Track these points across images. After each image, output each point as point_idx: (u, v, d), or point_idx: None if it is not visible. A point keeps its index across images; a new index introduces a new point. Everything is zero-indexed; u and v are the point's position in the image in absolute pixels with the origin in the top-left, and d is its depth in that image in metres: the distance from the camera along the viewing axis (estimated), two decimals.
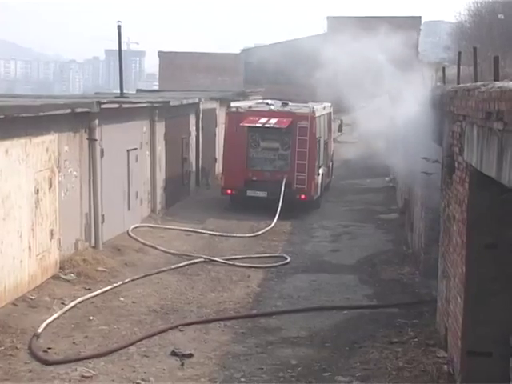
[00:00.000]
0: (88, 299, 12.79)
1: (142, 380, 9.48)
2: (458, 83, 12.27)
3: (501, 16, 41.01)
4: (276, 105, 23.00)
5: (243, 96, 31.79)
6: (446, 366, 9.40)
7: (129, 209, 18.42)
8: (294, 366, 10.09)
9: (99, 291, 13.23)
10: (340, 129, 29.98)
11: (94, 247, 15.74)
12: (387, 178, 28.81)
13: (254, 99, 28.78)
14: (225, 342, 11.08)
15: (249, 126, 21.80)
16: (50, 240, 13.70)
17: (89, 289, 13.39)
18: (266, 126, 21.51)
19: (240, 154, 21.96)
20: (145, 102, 19.89)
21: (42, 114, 13.00)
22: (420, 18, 50.85)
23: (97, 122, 15.56)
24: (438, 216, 11.59)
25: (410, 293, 13.65)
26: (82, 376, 9.47)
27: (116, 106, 17.18)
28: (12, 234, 12.17)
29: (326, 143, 25.08)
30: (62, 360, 9.99)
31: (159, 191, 20.88)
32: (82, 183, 15.29)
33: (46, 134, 13.54)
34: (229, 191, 22.14)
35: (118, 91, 24.88)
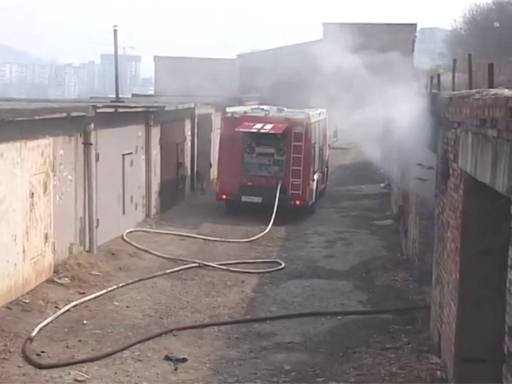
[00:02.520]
0: (82, 303, 12.77)
1: None
2: (453, 90, 12.32)
3: (496, 24, 41.18)
4: (271, 110, 23.02)
5: (239, 101, 31.78)
6: (439, 372, 9.41)
7: (123, 213, 18.41)
8: (288, 371, 10.09)
9: (93, 295, 13.21)
10: (335, 135, 29.96)
11: (88, 251, 15.72)
12: (382, 185, 28.85)
13: (250, 104, 28.80)
14: (218, 346, 11.07)
15: (244, 132, 21.81)
16: (45, 244, 13.68)
17: (83, 293, 13.37)
18: (262, 131, 21.51)
19: (235, 160, 21.96)
20: (140, 107, 19.91)
21: (37, 117, 13.00)
22: (415, 25, 50.88)
23: (92, 126, 15.56)
24: (433, 222, 11.62)
25: (403, 299, 13.67)
26: (76, 380, 9.46)
27: (111, 110, 17.18)
28: (6, 237, 12.16)
29: (321, 149, 25.10)
30: (55, 364, 9.98)
31: (154, 196, 20.88)
32: (76, 187, 15.28)
33: (42, 137, 13.54)
34: (224, 196, 22.16)
35: (114, 95, 24.94)
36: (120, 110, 17.91)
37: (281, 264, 16.45)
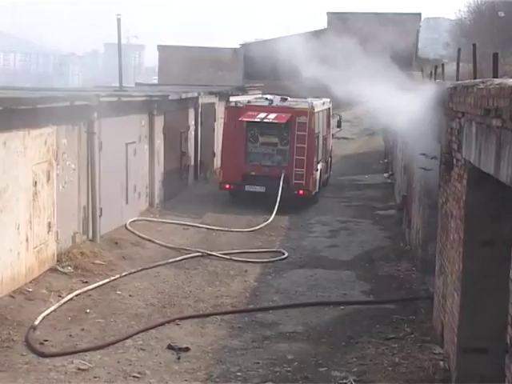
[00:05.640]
0: (85, 292, 12.79)
1: (138, 373, 9.49)
2: (457, 80, 12.27)
3: (501, 13, 41.00)
4: (275, 100, 22.95)
5: (242, 91, 31.77)
6: (442, 363, 9.41)
7: (127, 202, 18.41)
8: (290, 361, 10.09)
9: (96, 284, 13.23)
10: (339, 124, 29.93)
11: (91, 240, 15.73)
12: (386, 175, 28.82)
13: (253, 94, 28.76)
14: (221, 336, 11.09)
15: (248, 121, 21.79)
16: (48, 233, 13.69)
17: (86, 282, 13.39)
18: (265, 120, 21.49)
19: (238, 149, 21.94)
20: (144, 96, 19.88)
21: (40, 106, 12.98)
22: (420, 14, 50.75)
23: (95, 115, 15.54)
24: (436, 212, 11.60)
25: (406, 289, 13.66)
26: (79, 368, 9.48)
27: (115, 99, 17.16)
28: (9, 226, 12.17)
29: (324, 139, 25.07)
30: (58, 352, 10.01)
31: (157, 185, 20.87)
32: (80, 176, 15.28)
33: (45, 126, 13.52)
34: (227, 186, 22.15)
35: (117, 85, 24.90)
36: (123, 99, 17.89)
37: (284, 254, 16.44)
